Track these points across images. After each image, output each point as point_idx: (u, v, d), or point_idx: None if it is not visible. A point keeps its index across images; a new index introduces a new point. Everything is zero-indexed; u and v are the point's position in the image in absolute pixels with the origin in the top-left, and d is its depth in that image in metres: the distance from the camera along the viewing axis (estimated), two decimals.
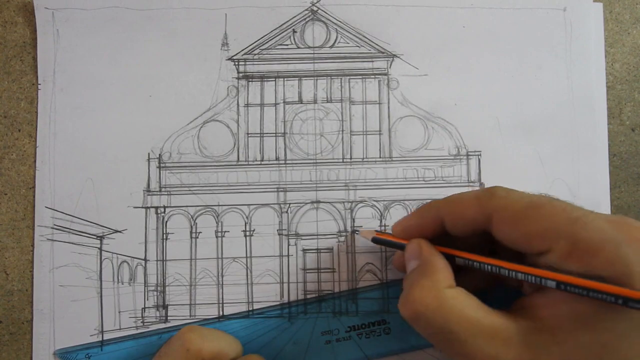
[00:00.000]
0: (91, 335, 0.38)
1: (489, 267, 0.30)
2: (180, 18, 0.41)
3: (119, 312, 0.39)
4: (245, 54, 0.41)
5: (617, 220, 0.27)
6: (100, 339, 0.38)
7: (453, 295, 0.29)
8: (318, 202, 0.40)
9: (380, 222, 0.40)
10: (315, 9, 0.41)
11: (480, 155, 0.41)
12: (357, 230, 0.40)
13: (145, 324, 0.39)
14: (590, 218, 0.27)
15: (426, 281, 0.30)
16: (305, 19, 0.41)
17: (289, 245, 0.40)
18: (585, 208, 0.29)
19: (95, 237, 0.39)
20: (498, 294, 0.34)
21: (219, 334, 0.35)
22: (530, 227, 0.28)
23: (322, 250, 0.40)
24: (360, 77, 0.41)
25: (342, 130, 0.41)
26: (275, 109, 0.41)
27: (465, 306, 0.29)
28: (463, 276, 0.32)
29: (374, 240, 0.36)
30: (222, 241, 0.40)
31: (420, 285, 0.30)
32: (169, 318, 0.39)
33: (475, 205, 0.30)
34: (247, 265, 0.40)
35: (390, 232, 0.36)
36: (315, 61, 0.41)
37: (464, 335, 0.28)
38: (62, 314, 0.38)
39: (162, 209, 0.40)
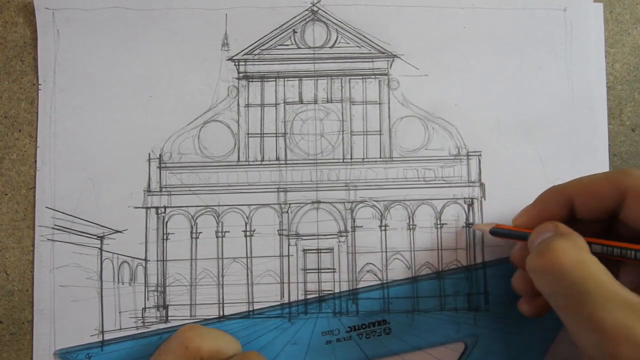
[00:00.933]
0: (91, 336, 0.38)
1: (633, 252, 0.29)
2: (180, 18, 0.41)
3: (120, 312, 0.39)
4: (245, 54, 0.41)
5: None
6: (101, 339, 0.38)
7: (594, 261, 0.27)
8: (318, 202, 0.40)
9: (381, 222, 0.40)
10: (315, 9, 0.41)
11: (480, 155, 0.41)
12: (471, 224, 0.39)
13: (145, 324, 0.39)
14: None
15: (568, 240, 0.28)
16: (305, 19, 0.41)
17: (289, 245, 0.40)
18: None
19: (95, 237, 0.39)
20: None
21: (217, 333, 0.35)
22: None
23: (322, 251, 0.40)
24: (361, 77, 0.41)
25: (343, 131, 0.41)
26: (276, 109, 0.41)
27: (605, 273, 0.27)
28: None
29: (493, 232, 0.35)
30: (222, 241, 0.40)
31: (564, 240, 0.28)
32: (169, 318, 0.39)
33: (608, 185, 0.30)
34: (247, 266, 0.40)
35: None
36: (316, 61, 0.41)
37: (601, 299, 0.25)
38: (62, 314, 0.38)
39: (163, 209, 0.40)
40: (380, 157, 0.41)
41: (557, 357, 0.38)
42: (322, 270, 0.40)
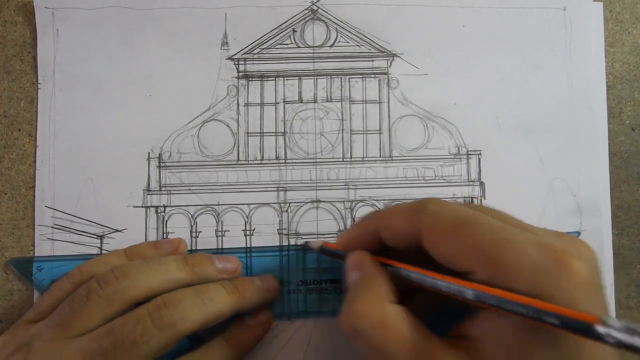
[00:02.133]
0: None
1: (414, 275, 0.29)
2: (180, 17, 0.41)
3: None
4: (245, 53, 0.41)
5: (547, 243, 0.25)
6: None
7: (396, 313, 0.27)
8: (318, 201, 0.40)
9: None
10: (315, 8, 0.41)
11: (480, 154, 0.41)
12: (309, 241, 0.39)
13: None
14: (517, 240, 0.25)
15: (369, 294, 0.28)
16: (305, 18, 0.41)
17: (289, 244, 0.40)
18: (525, 224, 0.28)
19: (95, 236, 0.39)
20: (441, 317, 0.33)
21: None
22: (453, 247, 0.27)
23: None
24: (360, 76, 0.41)
25: (342, 130, 0.41)
26: (275, 108, 0.41)
27: (406, 326, 0.27)
28: (408, 297, 0.31)
29: (321, 250, 0.36)
30: (222, 240, 0.40)
31: (363, 298, 0.28)
32: None
33: (406, 219, 0.29)
34: (247, 265, 0.40)
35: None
36: (315, 60, 0.41)
37: (402, 357, 0.26)
38: None
39: (162, 209, 0.40)
40: (380, 156, 0.41)
41: None
42: (322, 270, 0.40)
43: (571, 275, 0.24)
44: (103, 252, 0.39)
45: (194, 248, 0.40)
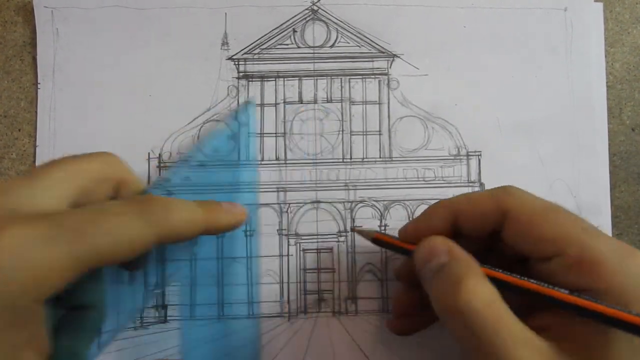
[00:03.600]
0: None
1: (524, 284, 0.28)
2: (180, 17, 0.41)
3: (118, 312, 0.39)
4: (245, 53, 0.41)
5: (621, 243, 0.27)
6: (99, 339, 0.38)
7: (503, 304, 0.26)
8: (318, 202, 0.40)
9: (380, 222, 0.40)
10: (315, 8, 0.41)
11: (480, 155, 0.41)
12: (356, 227, 0.39)
13: (144, 324, 0.39)
14: (599, 232, 0.27)
15: (475, 274, 0.27)
16: (305, 18, 0.41)
17: (289, 245, 0.40)
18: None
19: None
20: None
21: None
22: (544, 230, 0.28)
23: (322, 250, 0.40)
24: (361, 77, 0.41)
25: (342, 130, 0.41)
26: (276, 108, 0.41)
27: (514, 318, 0.26)
28: None
29: (375, 241, 0.34)
30: (222, 241, 0.40)
31: (475, 277, 0.27)
32: (168, 318, 0.39)
33: (492, 203, 0.30)
34: (247, 266, 0.40)
35: (392, 234, 0.34)
36: (316, 61, 0.41)
37: (514, 346, 0.25)
38: None
39: None
40: (380, 157, 0.41)
41: None
42: (322, 270, 0.40)
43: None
44: None
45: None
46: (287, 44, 0.41)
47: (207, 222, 0.31)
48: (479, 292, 0.26)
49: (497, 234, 0.30)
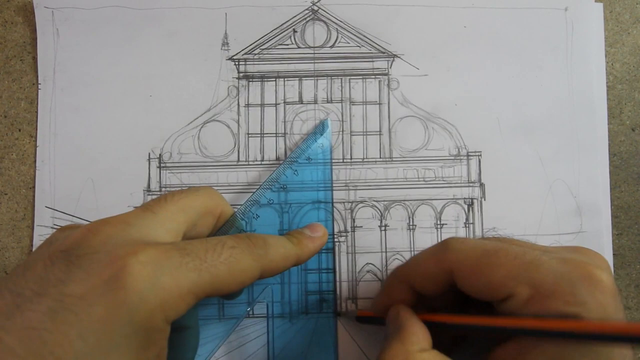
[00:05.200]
0: None
1: (464, 326, 0.30)
2: (180, 17, 0.41)
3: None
4: (245, 53, 0.41)
5: (569, 258, 0.27)
6: None
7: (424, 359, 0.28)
8: (319, 202, 0.40)
9: (381, 222, 0.40)
10: (315, 8, 0.41)
11: (480, 155, 0.41)
12: (340, 313, 0.39)
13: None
14: (543, 259, 0.27)
15: (398, 344, 0.29)
16: (305, 18, 0.41)
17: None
18: (541, 245, 0.30)
19: None
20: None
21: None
22: (487, 278, 0.28)
23: (322, 251, 0.40)
24: (361, 77, 0.41)
25: (343, 131, 0.41)
26: (276, 109, 0.41)
27: None
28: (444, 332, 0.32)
29: (358, 319, 0.36)
30: None
31: (391, 348, 0.29)
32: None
33: (435, 262, 0.30)
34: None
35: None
36: (316, 61, 0.41)
37: None
38: None
39: None
40: (380, 157, 0.41)
41: None
42: (322, 271, 0.40)
43: (598, 284, 0.26)
44: None
45: None
46: (287, 44, 0.41)
47: (298, 256, 0.32)
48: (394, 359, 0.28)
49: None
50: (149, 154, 0.40)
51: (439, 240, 0.40)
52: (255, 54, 0.41)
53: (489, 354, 0.29)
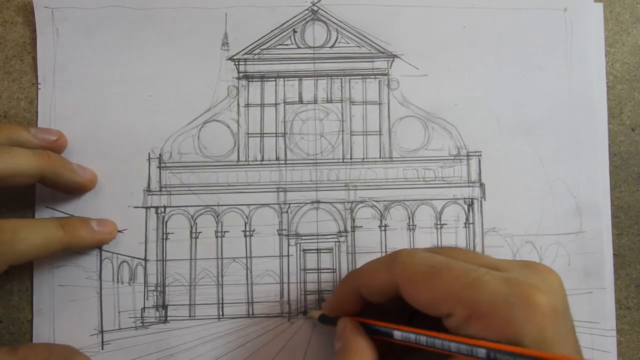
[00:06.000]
0: (91, 335, 0.38)
1: (408, 337, 0.30)
2: (180, 17, 0.41)
3: (119, 312, 0.39)
4: (245, 53, 0.41)
5: (512, 278, 0.27)
6: (100, 339, 0.38)
7: None
8: (318, 202, 0.40)
9: (380, 222, 0.40)
10: (315, 8, 0.41)
11: (480, 155, 0.41)
12: (307, 312, 0.39)
13: (144, 324, 0.39)
14: (485, 279, 0.27)
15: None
16: (305, 18, 0.41)
17: (289, 245, 0.40)
18: (490, 258, 0.31)
19: None
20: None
21: None
22: (429, 294, 0.29)
23: (322, 251, 0.40)
24: (361, 77, 0.41)
25: (342, 131, 0.41)
26: (276, 109, 0.41)
27: None
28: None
29: (320, 320, 0.36)
30: (222, 241, 0.40)
31: None
32: (168, 318, 0.39)
33: (383, 273, 0.31)
34: (247, 266, 0.40)
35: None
36: (316, 61, 0.41)
37: None
38: (61, 314, 0.38)
39: (162, 209, 0.40)
40: (380, 157, 0.41)
41: None
42: (322, 271, 0.40)
43: (536, 308, 0.26)
44: (103, 252, 0.39)
45: (193, 248, 0.40)
46: (287, 44, 0.41)
47: (65, 243, 0.35)
48: None
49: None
50: (149, 153, 0.40)
51: (439, 241, 0.40)
52: (255, 54, 0.41)
53: None
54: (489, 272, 0.28)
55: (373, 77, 0.41)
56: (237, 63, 0.41)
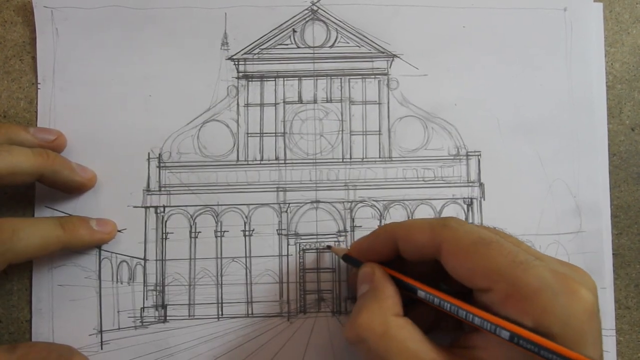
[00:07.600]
0: (90, 335, 0.38)
1: (433, 298, 0.30)
2: (179, 17, 0.41)
3: (118, 311, 0.39)
4: (245, 53, 0.41)
5: (560, 272, 0.27)
6: (99, 339, 0.38)
7: (399, 324, 0.29)
8: (318, 202, 0.40)
9: (380, 221, 0.40)
10: (315, 8, 0.41)
11: (480, 155, 0.41)
12: (330, 245, 0.39)
13: (144, 323, 0.39)
14: (534, 264, 0.27)
15: (375, 306, 0.30)
16: (305, 18, 0.41)
17: (288, 245, 0.40)
18: (537, 252, 0.30)
19: None
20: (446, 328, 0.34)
21: None
22: (474, 264, 0.28)
23: (321, 250, 0.40)
24: (360, 77, 0.41)
25: (342, 130, 0.41)
26: (275, 108, 0.41)
27: (408, 337, 0.29)
28: (413, 308, 0.32)
29: (344, 258, 0.36)
30: (221, 241, 0.40)
31: (368, 310, 0.30)
32: (168, 318, 0.39)
33: (427, 233, 0.31)
34: (246, 265, 0.40)
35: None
36: (315, 61, 0.41)
37: None
38: (61, 314, 0.38)
39: (162, 209, 0.40)
40: (380, 157, 0.41)
41: None
42: (321, 270, 0.40)
43: (579, 301, 0.26)
44: (102, 252, 0.39)
45: (193, 248, 0.40)
46: (286, 44, 0.41)
47: (63, 242, 0.35)
48: (372, 323, 0.29)
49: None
50: (149, 153, 0.40)
51: None
52: (255, 54, 0.41)
53: (457, 341, 0.30)
54: (535, 259, 0.28)
55: (373, 76, 0.41)
56: (236, 63, 0.41)
